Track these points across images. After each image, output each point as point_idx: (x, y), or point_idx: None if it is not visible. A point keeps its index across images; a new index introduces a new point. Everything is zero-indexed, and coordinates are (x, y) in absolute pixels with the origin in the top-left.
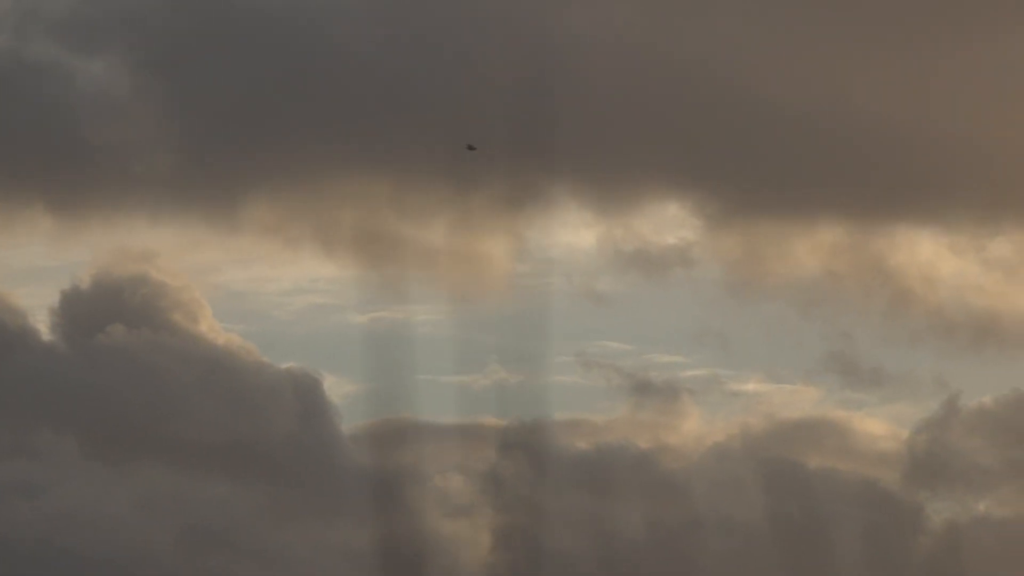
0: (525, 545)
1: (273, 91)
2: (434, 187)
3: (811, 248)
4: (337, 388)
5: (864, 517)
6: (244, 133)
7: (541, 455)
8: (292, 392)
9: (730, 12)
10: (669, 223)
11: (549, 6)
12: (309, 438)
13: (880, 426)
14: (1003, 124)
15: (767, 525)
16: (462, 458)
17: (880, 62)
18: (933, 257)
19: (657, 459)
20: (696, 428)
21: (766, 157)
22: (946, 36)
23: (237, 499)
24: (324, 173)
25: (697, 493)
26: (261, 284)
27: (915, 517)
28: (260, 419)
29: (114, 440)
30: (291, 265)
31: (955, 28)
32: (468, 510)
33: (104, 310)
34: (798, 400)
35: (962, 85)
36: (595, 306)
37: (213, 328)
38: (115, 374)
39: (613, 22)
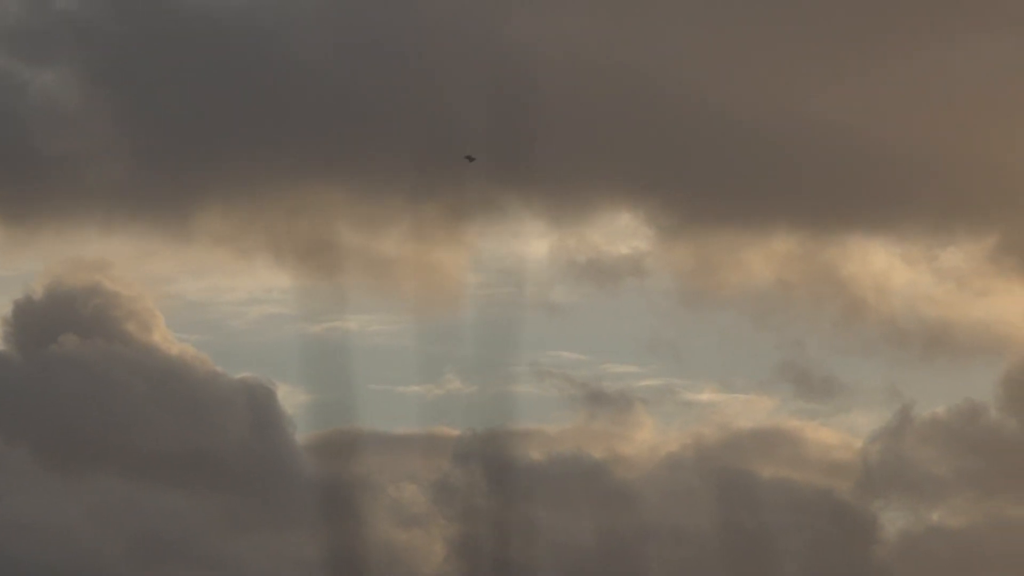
0: (479, 555)
1: (225, 101)
2: (387, 197)
3: (764, 258)
4: (291, 398)
5: (818, 527)
6: (196, 143)
7: (495, 465)
8: (246, 402)
9: (683, 22)
10: (622, 233)
11: (501, 16)
12: (263, 448)
13: (834, 436)
14: (955, 134)
15: (721, 535)
16: (416, 468)
17: (833, 72)
18: (886, 267)
19: (611, 469)
20: (650, 438)
21: (719, 167)
22: (898, 46)
23: (190, 509)
24: (277, 183)
25: (651, 503)
26: (216, 294)
27: (869, 527)
28: (213, 429)
29: (67, 450)
30: (245, 275)
31: (907, 38)
32: (422, 520)
33: (57, 320)
34: (752, 410)
35: (914, 95)
36: (548, 316)
37: (167, 338)
38: (68, 384)
39: (566, 32)
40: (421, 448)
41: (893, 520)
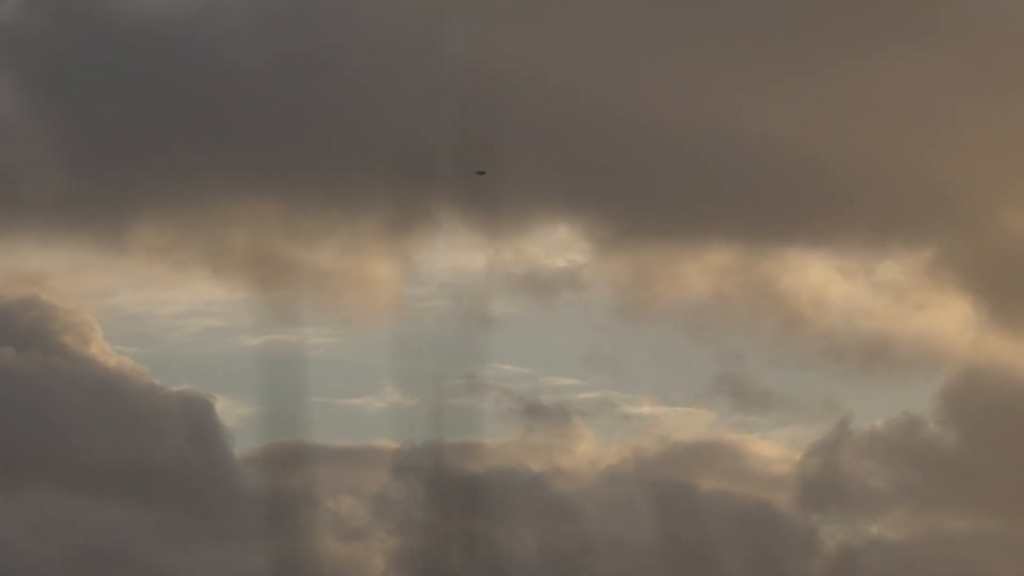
0: (418, 568)
1: (161, 112)
2: (323, 209)
3: (701, 271)
4: (231, 411)
5: (757, 540)
6: (133, 155)
7: (434, 478)
8: (183, 415)
9: (619, 36)
10: (559, 246)
11: (439, 29)
12: (200, 461)
13: (773, 449)
14: (892, 147)
15: (661, 548)
16: (355, 481)
17: (768, 85)
18: (823, 280)
19: (550, 482)
20: (590, 451)
21: (655, 180)
22: (833, 59)
23: (129, 522)
24: (213, 195)
25: (590, 516)
26: (155, 307)
27: (808, 540)
28: (151, 442)
29: (4, 463)
30: (184, 288)
31: (842, 51)
32: (361, 533)
33: None
34: (691, 423)
35: (850, 108)
36: (487, 329)
37: (104, 351)
38: (5, 397)
39: (503, 45)
40: (361, 461)
41: (832, 533)
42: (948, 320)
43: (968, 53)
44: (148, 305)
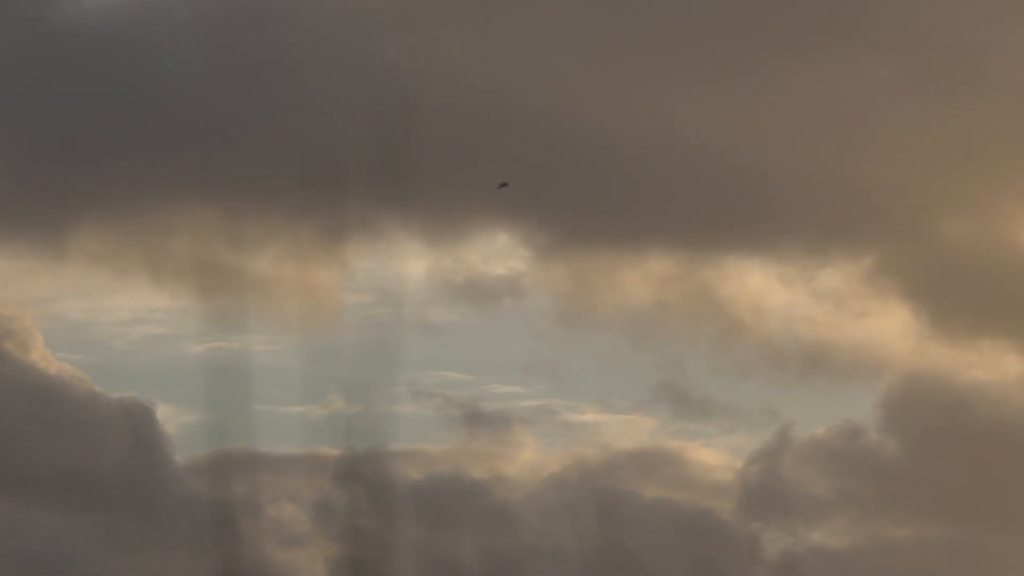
0: (360, 575)
1: (100, 120)
2: (263, 217)
3: (641, 278)
4: (175, 418)
5: (699, 547)
6: (72, 162)
7: (377, 485)
8: (124, 422)
9: (557, 42)
10: (499, 253)
11: (378, 37)
12: (141, 468)
13: (714, 456)
14: (831, 154)
15: (603, 555)
16: (298, 488)
17: (707, 93)
18: (762, 288)
19: (493, 489)
20: (532, 458)
21: (595, 188)
22: (773, 67)
23: (70, 529)
24: (153, 202)
25: (533, 523)
26: (98, 314)
27: (750, 547)
28: (92, 449)
29: None
30: (126, 295)
31: (782, 59)
32: (304, 540)
33: None
34: (633, 430)
35: (790, 116)
36: (429, 337)
37: (45, 358)
38: None
39: (442, 53)
40: (304, 468)
41: (774, 541)
42: (888, 328)
43: (907, 60)
44: (91, 312)
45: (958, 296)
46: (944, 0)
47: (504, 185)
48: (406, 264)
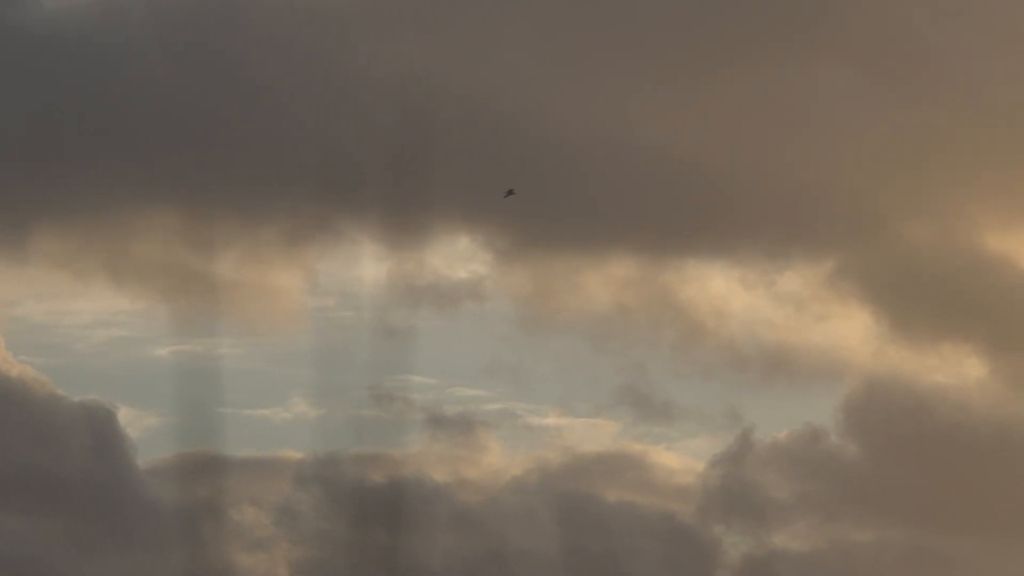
0: None
1: (61, 122)
2: (225, 220)
3: (602, 282)
4: (138, 421)
5: (662, 551)
6: (33, 164)
7: (339, 488)
8: (86, 425)
9: (517, 46)
10: (460, 257)
11: (340, 39)
12: (103, 471)
13: (677, 460)
14: (791, 158)
15: (566, 559)
16: (260, 491)
17: (668, 97)
18: (724, 291)
19: (455, 493)
20: (495, 462)
21: (556, 191)
22: (733, 71)
23: (32, 532)
24: (114, 205)
25: (496, 527)
26: (60, 317)
27: (713, 551)
28: (53, 452)
29: None
30: (88, 298)
31: (742, 63)
32: (266, 543)
33: None
34: (596, 434)
35: (751, 119)
36: (390, 340)
37: (6, 360)
38: None
39: (404, 56)
40: (266, 472)
41: (736, 544)
42: (849, 331)
43: (868, 64)
44: (53, 315)
45: (919, 300)
46: (903, 4)
47: (510, 192)
48: (368, 267)
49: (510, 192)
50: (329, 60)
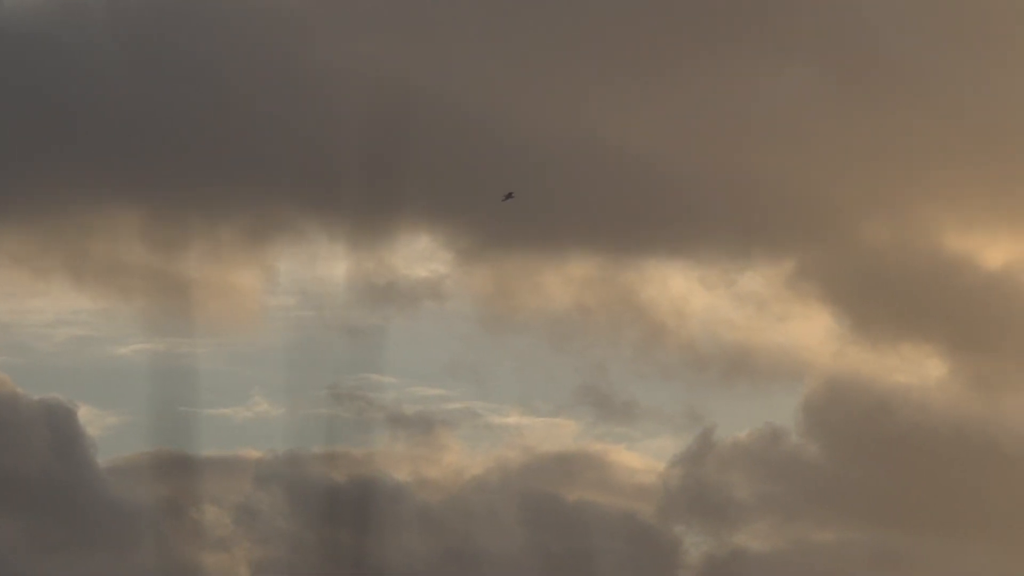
0: None
1: (21, 120)
2: (184, 219)
3: (562, 282)
4: (98, 420)
5: (623, 550)
6: None
7: (299, 487)
8: (46, 423)
9: (483, 47)
10: (420, 256)
11: (300, 37)
12: (63, 470)
13: (638, 459)
14: (752, 158)
15: (527, 558)
16: (221, 491)
17: (629, 97)
18: (684, 291)
19: (416, 492)
20: (456, 461)
21: (516, 190)
22: (693, 71)
23: None
24: (74, 204)
25: (456, 526)
26: (21, 315)
27: (674, 550)
28: (13, 450)
29: None
30: (49, 297)
31: (704, 64)
32: (226, 542)
33: None
34: (556, 433)
35: (711, 120)
36: (351, 339)
37: None
38: None
39: (366, 55)
40: (227, 471)
41: (697, 544)
42: (809, 332)
43: (828, 65)
44: (13, 314)
45: (879, 300)
46: (864, 5)
47: (510, 196)
48: (328, 267)
49: (509, 195)
50: (290, 59)
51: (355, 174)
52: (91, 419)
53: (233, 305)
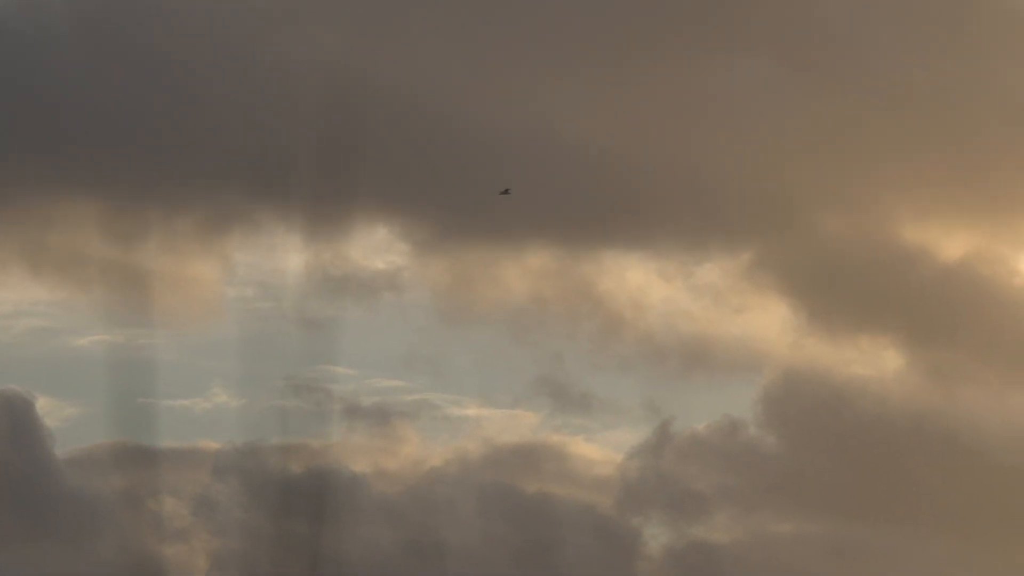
0: (241, 568)
1: None
2: (142, 210)
3: (520, 274)
4: (57, 411)
5: (582, 542)
6: None
7: (258, 479)
8: (3, 414)
9: (436, 38)
10: (378, 248)
11: (256, 31)
12: (21, 461)
13: (596, 451)
14: (709, 151)
15: (485, 550)
16: (179, 482)
17: (587, 88)
18: (642, 283)
19: (374, 483)
20: (414, 452)
21: (473, 182)
22: (650, 63)
23: None
24: (31, 195)
25: (415, 517)
26: None
27: (632, 542)
28: None
29: None
30: (7, 288)
31: (662, 56)
32: (184, 534)
33: None
34: (515, 425)
35: (668, 111)
36: (310, 331)
37: None
38: None
39: (322, 48)
40: (185, 462)
41: (656, 536)
42: (767, 323)
43: (785, 56)
44: None
45: (836, 292)
46: None
47: (506, 191)
48: (286, 258)
49: (506, 191)
50: (247, 50)
51: (312, 166)
52: (49, 410)
53: (191, 297)
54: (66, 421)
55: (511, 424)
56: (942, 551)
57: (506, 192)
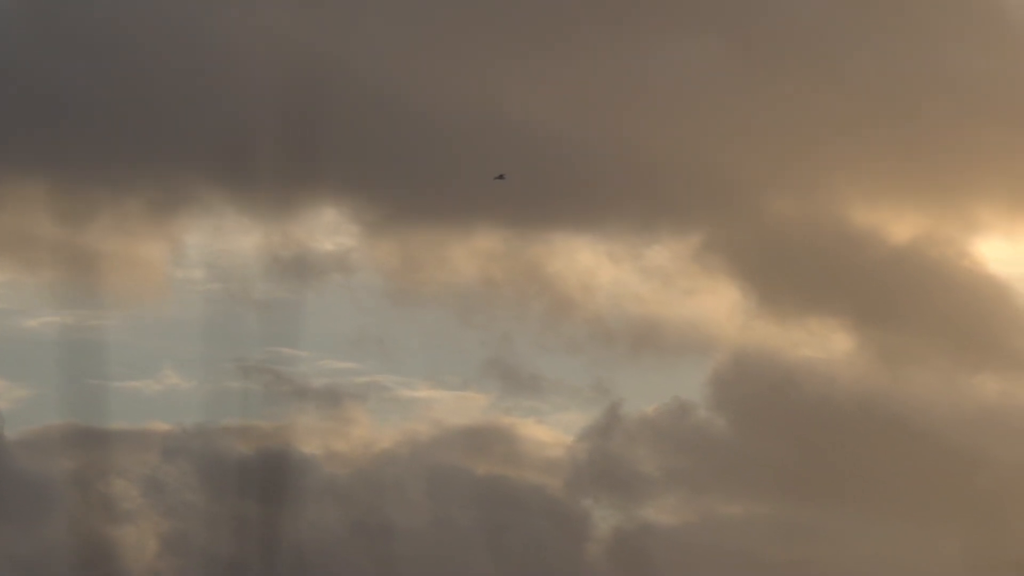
0: (191, 551)
1: None
2: (89, 190)
3: (469, 255)
4: (7, 393)
5: (532, 524)
6: None
7: (207, 461)
8: None
9: (385, 17)
10: (326, 229)
11: (205, 10)
12: None
13: (547, 433)
14: (658, 132)
15: (435, 532)
16: (130, 463)
17: (535, 69)
18: (591, 265)
19: (324, 465)
20: (364, 434)
21: (422, 163)
22: (599, 43)
23: None
24: None
25: (365, 499)
26: None
27: (582, 524)
28: None
29: None
30: None
31: (610, 37)
32: (134, 516)
33: None
34: (465, 406)
35: (617, 93)
36: (258, 312)
37: None
38: None
39: (271, 26)
40: (136, 444)
41: (605, 518)
42: (716, 306)
43: (734, 37)
44: None
45: (785, 274)
46: None
47: (500, 177)
48: (234, 239)
49: (500, 176)
50: (197, 28)
51: (261, 146)
52: None
53: (140, 278)
54: (16, 403)
55: (461, 406)
56: (891, 532)
57: (501, 177)
